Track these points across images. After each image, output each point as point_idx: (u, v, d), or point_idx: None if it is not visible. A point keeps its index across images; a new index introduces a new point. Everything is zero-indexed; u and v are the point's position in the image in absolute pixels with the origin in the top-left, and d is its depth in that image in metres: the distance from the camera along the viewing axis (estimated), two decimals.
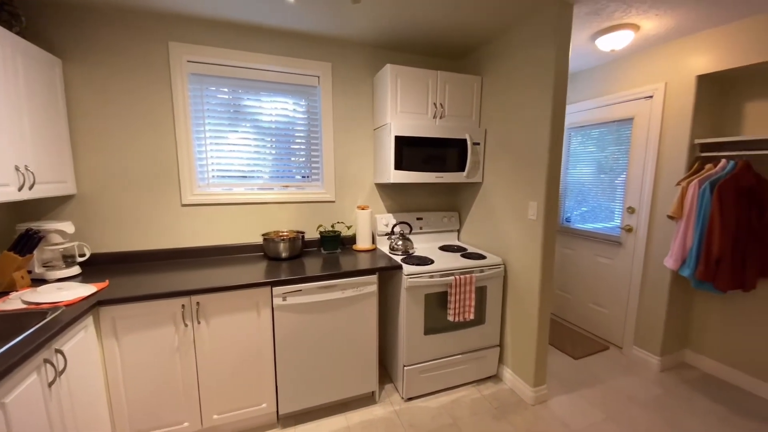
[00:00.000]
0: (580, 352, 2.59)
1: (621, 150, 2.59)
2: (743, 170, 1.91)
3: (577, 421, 1.88)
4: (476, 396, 2.08)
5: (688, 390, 2.15)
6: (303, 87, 2.22)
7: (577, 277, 2.98)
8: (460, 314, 1.97)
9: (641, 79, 2.40)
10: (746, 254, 1.94)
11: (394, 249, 2.20)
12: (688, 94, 2.14)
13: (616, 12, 1.82)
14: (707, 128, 2.21)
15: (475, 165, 2.29)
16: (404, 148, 2.07)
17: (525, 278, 2.00)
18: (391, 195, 2.51)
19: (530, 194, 1.93)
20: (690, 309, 2.42)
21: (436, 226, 2.55)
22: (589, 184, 2.86)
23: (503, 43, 2.08)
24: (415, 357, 1.97)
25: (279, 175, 2.26)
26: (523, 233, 1.99)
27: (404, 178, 2.09)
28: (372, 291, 1.85)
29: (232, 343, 1.64)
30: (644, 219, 2.40)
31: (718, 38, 1.99)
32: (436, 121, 2.19)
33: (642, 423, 1.87)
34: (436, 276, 1.93)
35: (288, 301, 1.68)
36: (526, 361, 2.03)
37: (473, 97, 2.29)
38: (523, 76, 1.94)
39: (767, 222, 1.94)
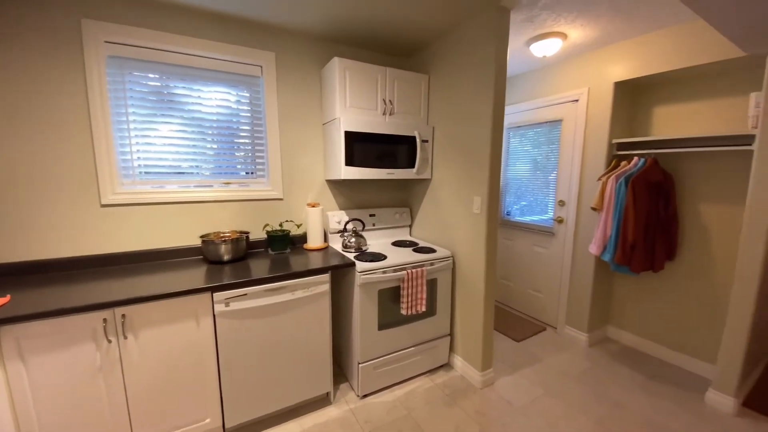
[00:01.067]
0: (521, 335, 2.80)
1: (553, 149, 2.83)
2: (652, 166, 2.21)
3: (519, 399, 2.03)
4: (429, 385, 2.15)
5: (611, 362, 2.44)
6: (244, 77, 2.07)
7: (517, 265, 3.22)
8: (413, 307, 2.00)
9: (569, 84, 2.64)
10: (655, 240, 2.24)
11: (347, 246, 2.17)
12: (607, 99, 2.40)
13: (547, 20, 1.97)
14: (623, 129, 2.51)
15: (425, 162, 2.34)
16: (355, 144, 2.04)
17: (471, 269, 2.10)
18: (343, 192, 2.47)
19: (474, 190, 2.02)
20: (611, 290, 2.75)
21: (389, 222, 2.56)
22: (527, 180, 3.09)
23: (448, 43, 2.15)
24: (369, 353, 1.97)
25: (221, 171, 2.09)
26: (469, 227, 2.08)
27: (356, 175, 2.06)
28: (324, 291, 1.81)
29: (167, 357, 1.49)
30: (572, 211, 2.66)
31: (632, 49, 2.26)
32: (386, 117, 2.20)
33: (574, 394, 2.08)
34: (389, 271, 1.95)
35: (231, 306, 1.56)
36: (474, 347, 2.14)
37: (421, 95, 2.33)
38: (466, 77, 2.02)
39: (672, 212, 2.27)
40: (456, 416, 1.88)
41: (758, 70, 1.96)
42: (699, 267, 2.26)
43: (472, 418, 1.87)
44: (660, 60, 2.13)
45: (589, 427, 1.81)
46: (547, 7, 1.82)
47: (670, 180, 2.26)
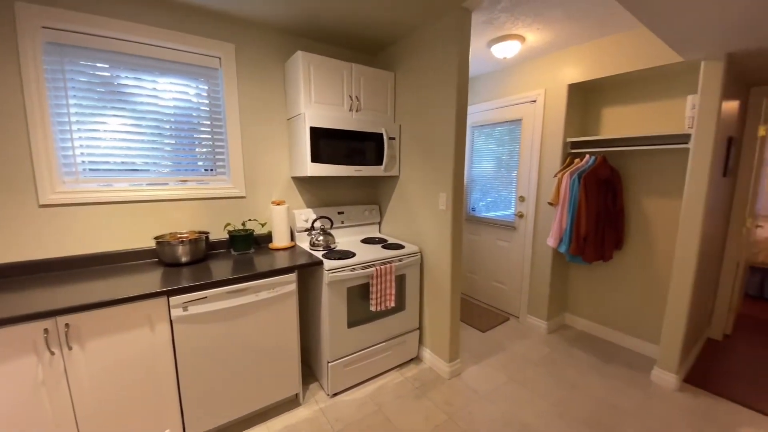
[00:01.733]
0: (486, 325, 2.91)
1: (514, 147, 2.96)
2: (601, 164, 2.37)
3: (485, 387, 2.11)
4: (399, 380, 2.18)
5: (568, 347, 2.61)
6: (201, 68, 1.97)
7: (482, 259, 3.34)
8: (382, 303, 2.02)
9: (527, 85, 2.76)
10: (605, 232, 2.42)
11: (315, 245, 2.14)
12: (561, 100, 2.54)
13: (507, 23, 2.05)
14: (576, 129, 2.67)
15: (392, 159, 2.35)
16: (321, 140, 2.01)
17: (438, 264, 2.15)
18: (310, 189, 2.43)
19: (440, 186, 2.07)
20: (567, 279, 2.93)
21: (358, 219, 2.56)
22: (492, 178, 3.21)
23: (413, 42, 2.17)
24: (339, 351, 1.96)
25: (180, 168, 1.98)
26: (436, 222, 2.13)
27: (322, 171, 2.03)
28: (291, 290, 1.77)
29: (119, 368, 1.39)
30: (532, 206, 2.80)
31: (584, 53, 2.41)
32: (353, 114, 2.18)
33: (535, 379, 2.20)
34: (357, 268, 1.94)
35: (190, 311, 1.49)
36: (442, 339, 2.20)
37: (387, 93, 2.34)
38: (430, 75, 2.05)
39: (619, 206, 2.46)
40: (425, 407, 1.93)
41: (694, 74, 2.16)
42: (643, 256, 2.47)
43: (440, 408, 1.92)
44: (608, 64, 2.29)
45: (548, 409, 1.92)
46: (506, 10, 1.89)
47: (617, 176, 2.44)
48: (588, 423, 1.82)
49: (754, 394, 2.04)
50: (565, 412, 1.90)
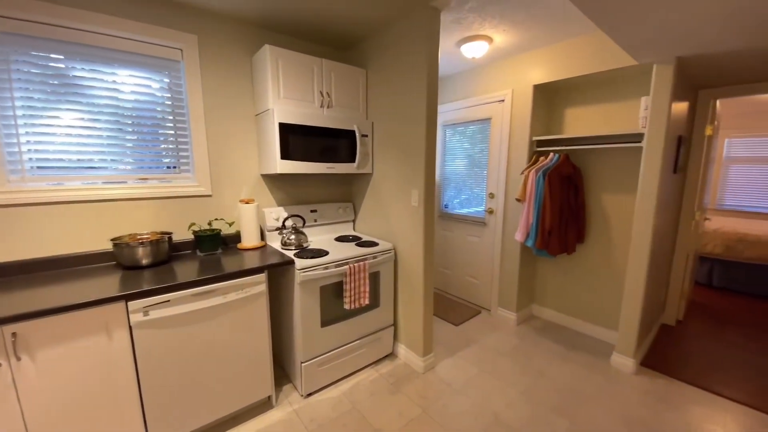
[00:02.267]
0: (459, 319, 2.98)
1: (484, 145, 3.03)
2: (564, 161, 2.48)
3: (457, 379, 2.17)
4: (375, 376, 2.19)
5: (536, 337, 2.72)
6: (163, 60, 1.88)
7: (455, 254, 3.41)
8: (356, 301, 2.01)
9: (496, 85, 2.84)
10: (568, 226, 2.53)
11: (287, 244, 2.10)
12: (527, 100, 2.64)
13: (474, 23, 2.09)
14: (541, 128, 2.78)
15: (365, 156, 2.35)
16: (291, 137, 1.97)
17: (412, 260, 2.17)
18: (281, 187, 2.38)
19: (412, 183, 2.09)
20: (534, 272, 3.05)
21: (332, 217, 2.53)
22: (465, 175, 3.27)
23: (384, 39, 2.17)
24: (312, 351, 1.94)
25: (142, 165, 1.89)
26: (409, 219, 2.15)
27: (292, 169, 1.99)
28: (260, 291, 1.73)
29: (75, 378, 1.30)
30: (501, 202, 2.89)
31: (548, 55, 2.50)
32: (324, 110, 2.16)
33: (505, 369, 2.28)
34: (330, 267, 1.93)
35: (151, 315, 1.42)
36: (416, 335, 2.23)
37: (360, 89, 2.33)
38: (401, 73, 2.06)
39: (581, 201, 2.58)
40: (400, 402, 1.95)
41: (648, 77, 2.30)
42: (603, 249, 2.61)
43: (415, 402, 1.95)
44: (570, 66, 2.39)
45: (517, 397, 2.00)
46: (473, 10, 1.93)
47: (578, 173, 2.57)
48: (554, 408, 1.91)
49: (705, 375, 2.22)
50: (532, 399, 1.99)
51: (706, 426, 1.79)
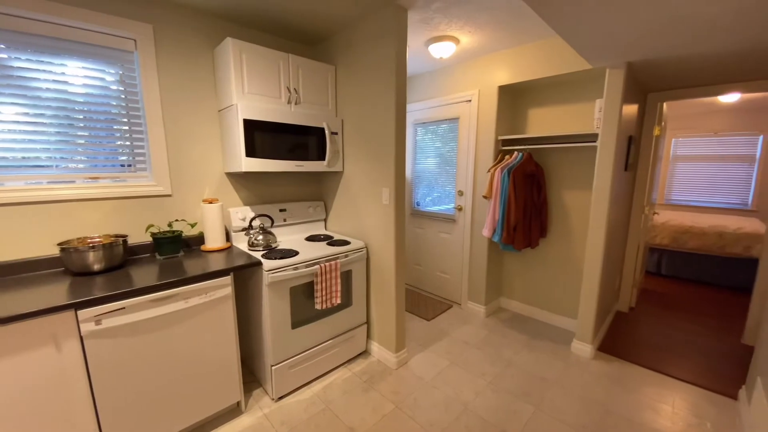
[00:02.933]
0: (431, 314, 3.04)
1: (454, 144, 3.10)
2: (527, 160, 2.59)
3: (429, 373, 2.21)
4: (348, 375, 2.18)
5: (504, 328, 2.83)
6: (115, 51, 1.75)
7: (427, 251, 3.47)
8: (327, 301, 2.00)
9: (463, 85, 2.91)
10: (531, 221, 2.65)
11: (254, 245, 2.03)
12: (493, 100, 2.72)
13: (441, 24, 2.12)
14: (506, 127, 2.88)
15: (335, 154, 2.32)
16: (256, 134, 1.91)
17: (383, 257, 2.18)
18: (248, 185, 2.30)
19: (383, 182, 2.09)
20: (501, 266, 3.17)
21: (302, 216, 2.49)
22: (436, 174, 3.32)
23: (352, 36, 2.15)
24: (283, 354, 1.90)
25: (96, 164, 1.76)
26: (380, 217, 2.16)
27: (259, 167, 1.93)
28: (226, 295, 1.67)
29: (20, 395, 1.19)
30: (469, 200, 2.97)
31: (511, 57, 2.59)
32: (291, 106, 2.11)
33: (475, 360, 2.35)
34: (301, 267, 1.89)
35: (105, 324, 1.33)
36: (389, 331, 2.25)
37: (329, 86, 2.30)
38: (370, 71, 2.06)
39: (543, 198, 2.71)
40: (373, 400, 1.96)
41: (602, 81, 2.44)
42: (563, 242, 2.76)
43: (388, 398, 1.97)
44: (532, 68, 2.49)
45: (486, 387, 2.08)
46: (439, 11, 1.96)
47: (540, 171, 2.69)
48: (519, 395, 2.00)
49: (656, 357, 2.41)
50: (500, 387, 2.07)
51: (656, 404, 1.94)
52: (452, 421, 1.81)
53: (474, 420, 1.82)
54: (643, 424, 1.80)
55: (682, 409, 1.91)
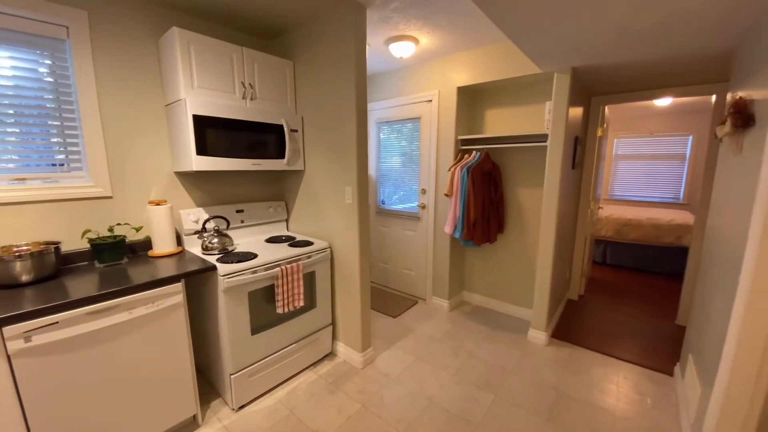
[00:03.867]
0: (397, 311, 3.07)
1: (416, 143, 3.14)
2: (485, 158, 2.69)
3: (395, 370, 2.23)
4: (313, 378, 2.14)
5: (466, 321, 2.93)
6: (44, 39, 1.57)
7: (393, 249, 3.50)
8: (290, 304, 1.94)
9: (424, 85, 2.95)
10: (490, 218, 2.76)
11: (209, 248, 1.93)
12: (452, 101, 2.79)
13: (400, 23, 2.14)
14: (465, 127, 2.97)
15: (296, 152, 2.26)
16: (208, 130, 1.81)
17: (347, 257, 2.16)
18: (200, 185, 2.17)
19: (346, 180, 2.07)
20: (463, 261, 3.28)
21: (262, 217, 2.40)
22: (402, 172, 3.35)
23: (310, 32, 2.10)
24: (242, 362, 1.82)
25: (28, 163, 1.58)
26: (343, 216, 2.13)
27: (211, 165, 1.83)
28: (176, 303, 1.56)
29: None
30: (432, 198, 3.03)
31: (468, 59, 2.67)
32: (247, 102, 2.02)
33: (439, 354, 2.41)
34: (260, 270, 1.82)
35: (35, 341, 1.19)
36: (354, 331, 2.24)
37: (287, 82, 2.23)
38: (330, 68, 2.03)
39: (500, 195, 2.83)
40: (339, 401, 1.94)
41: (551, 84, 2.59)
42: (519, 237, 2.90)
43: (354, 398, 1.96)
44: (488, 70, 2.59)
45: (449, 379, 2.13)
46: (398, 11, 1.97)
47: (497, 169, 2.81)
48: (480, 385, 2.08)
49: (602, 341, 2.61)
50: (463, 379, 2.14)
51: (603, 384, 2.11)
52: (418, 416, 1.84)
53: (438, 412, 1.86)
54: (591, 403, 1.94)
55: (625, 387, 2.08)
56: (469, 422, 1.79)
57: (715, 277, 1.63)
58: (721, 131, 1.52)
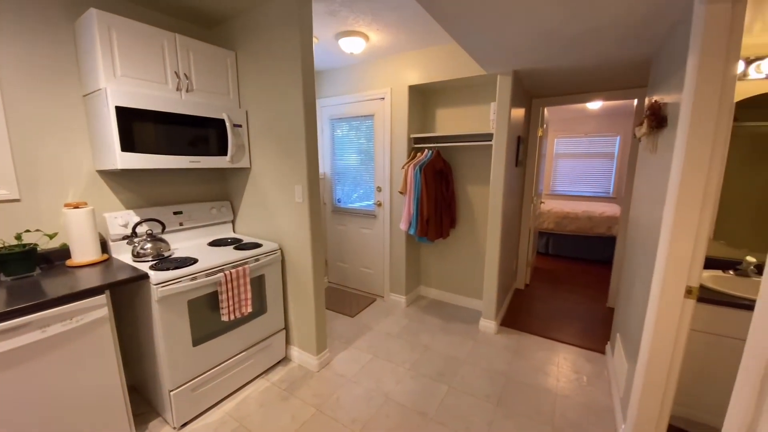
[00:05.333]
0: (355, 310, 3.05)
1: (371, 141, 3.12)
2: (436, 157, 2.75)
3: (352, 369, 2.21)
4: (266, 386, 2.05)
5: (422, 315, 2.98)
6: None
7: (350, 248, 3.46)
8: (236, 311, 1.83)
9: (377, 83, 2.94)
10: (442, 214, 2.83)
11: (140, 255, 1.74)
12: (404, 99, 2.82)
13: (348, 18, 2.10)
14: (417, 126, 3.01)
15: (240, 149, 2.13)
16: (136, 124, 1.63)
17: (300, 258, 2.09)
18: (130, 186, 1.96)
19: (295, 179, 2.00)
20: (419, 257, 3.34)
21: (204, 219, 2.23)
22: (358, 170, 3.30)
23: (255, 20, 1.98)
24: (184, 376, 1.68)
25: None
26: (294, 216, 2.06)
27: (140, 163, 1.66)
28: (101, 317, 1.39)
29: None
30: (387, 195, 3.04)
31: (419, 59, 2.70)
32: (182, 94, 1.85)
33: (396, 350, 2.43)
34: (200, 277, 1.69)
35: None
36: (309, 334, 2.17)
37: (228, 73, 2.09)
38: (276, 59, 1.93)
39: (451, 192, 2.91)
40: (293, 407, 1.87)
41: (496, 86, 2.70)
42: (469, 231, 3.02)
43: (309, 403, 1.90)
44: (439, 70, 2.64)
45: (405, 374, 2.16)
46: (345, 5, 1.93)
47: (448, 167, 2.90)
48: (435, 377, 2.13)
49: (546, 326, 2.80)
50: (419, 372, 2.18)
51: (546, 367, 2.26)
52: (374, 414, 1.83)
53: (395, 408, 1.87)
54: (536, 385, 2.08)
55: (564, 367, 2.26)
56: (424, 415, 1.83)
57: (636, 262, 1.82)
58: (640, 132, 1.69)
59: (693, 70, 1.16)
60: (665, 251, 1.29)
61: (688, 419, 1.65)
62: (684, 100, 1.21)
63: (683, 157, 1.21)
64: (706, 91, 1.13)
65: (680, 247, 1.25)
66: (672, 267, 1.28)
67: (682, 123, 1.22)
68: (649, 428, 1.42)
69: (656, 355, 1.37)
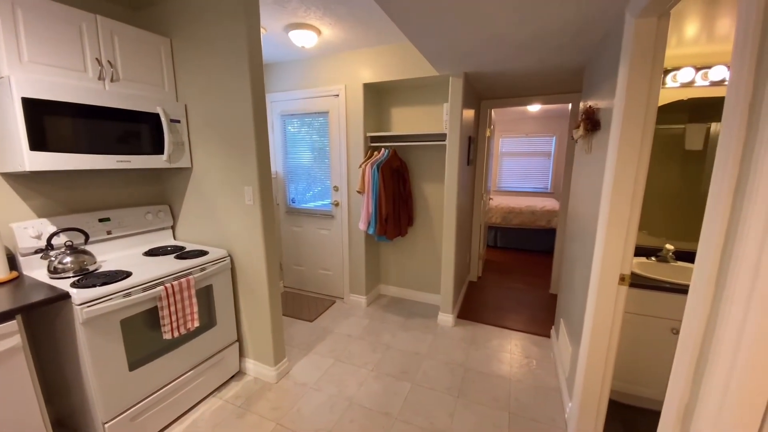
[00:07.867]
0: (314, 314, 2.96)
1: (326, 139, 3.03)
2: (393, 156, 2.76)
3: (313, 376, 2.13)
4: (219, 404, 1.89)
5: (383, 313, 2.99)
6: None
7: (307, 250, 3.34)
8: (181, 327, 1.66)
9: (330, 79, 2.86)
10: (400, 213, 2.85)
11: (59, 270, 1.50)
12: (359, 97, 2.77)
13: (299, 10, 2.00)
14: (374, 124, 2.99)
15: (179, 147, 1.93)
16: (49, 119, 1.39)
17: (252, 264, 1.96)
18: (43, 190, 1.67)
19: (244, 179, 1.86)
20: (378, 256, 3.33)
21: (137, 226, 1.98)
22: (313, 168, 3.18)
23: (193, 4, 1.79)
24: (120, 405, 1.48)
25: None
26: (244, 220, 1.92)
27: (54, 164, 1.42)
28: (12, 347, 1.17)
29: None
30: (345, 195, 2.99)
31: (373, 56, 2.67)
32: (106, 84, 1.62)
33: (358, 352, 2.40)
34: (135, 292, 1.50)
35: None
36: (265, 344, 2.05)
37: (163, 63, 1.88)
38: (218, 48, 1.77)
39: (408, 191, 2.94)
40: (249, 424, 1.75)
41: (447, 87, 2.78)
42: (426, 228, 3.09)
43: (268, 417, 1.80)
44: (392, 69, 2.64)
45: (368, 375, 2.14)
46: None
47: (405, 166, 2.92)
48: (397, 375, 2.15)
49: (497, 315, 2.96)
50: (381, 373, 2.17)
51: (499, 354, 2.39)
52: (338, 420, 1.79)
53: (358, 412, 1.84)
54: (491, 373, 2.18)
55: (516, 354, 2.40)
56: (389, 415, 1.83)
57: (575, 251, 1.99)
58: (577, 134, 1.84)
59: (624, 78, 1.28)
60: (602, 243, 1.42)
61: (625, 393, 1.85)
62: (616, 105, 1.34)
63: (616, 157, 1.33)
64: (635, 98, 1.26)
65: (614, 239, 1.38)
66: (608, 257, 1.41)
67: (614, 126, 1.35)
68: (593, 404, 1.56)
69: (596, 338, 1.51)
